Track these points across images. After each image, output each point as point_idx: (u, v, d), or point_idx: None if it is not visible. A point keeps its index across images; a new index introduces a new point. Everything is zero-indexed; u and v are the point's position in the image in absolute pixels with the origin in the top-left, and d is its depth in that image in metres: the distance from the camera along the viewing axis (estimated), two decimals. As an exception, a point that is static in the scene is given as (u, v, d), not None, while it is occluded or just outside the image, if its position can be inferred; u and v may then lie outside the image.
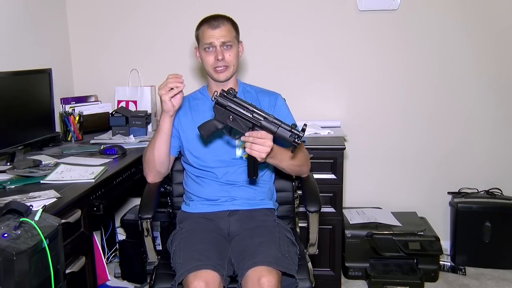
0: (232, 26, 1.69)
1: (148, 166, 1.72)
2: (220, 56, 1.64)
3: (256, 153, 1.43)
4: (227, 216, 1.68)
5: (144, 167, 1.75)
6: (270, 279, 1.38)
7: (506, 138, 2.69)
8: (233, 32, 1.68)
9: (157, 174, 1.74)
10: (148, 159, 1.70)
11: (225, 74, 1.68)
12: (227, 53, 1.66)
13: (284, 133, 1.41)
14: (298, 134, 1.40)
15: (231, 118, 1.45)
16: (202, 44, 1.67)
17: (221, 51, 1.65)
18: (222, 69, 1.66)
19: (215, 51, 1.65)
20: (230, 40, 1.66)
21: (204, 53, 1.68)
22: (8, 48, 2.25)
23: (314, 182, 1.76)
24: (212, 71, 1.68)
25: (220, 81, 1.70)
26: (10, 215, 1.26)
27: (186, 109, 1.75)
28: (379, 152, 2.75)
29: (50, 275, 1.25)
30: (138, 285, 2.44)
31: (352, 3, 2.62)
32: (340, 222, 2.36)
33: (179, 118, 1.74)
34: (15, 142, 2.02)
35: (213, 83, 1.74)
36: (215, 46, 1.65)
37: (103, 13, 2.77)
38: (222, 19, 1.68)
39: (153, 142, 1.68)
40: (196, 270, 1.40)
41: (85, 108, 2.61)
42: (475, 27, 2.60)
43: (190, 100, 1.78)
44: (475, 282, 2.46)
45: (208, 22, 1.67)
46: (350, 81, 2.71)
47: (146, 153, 1.72)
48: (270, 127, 1.42)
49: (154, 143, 1.67)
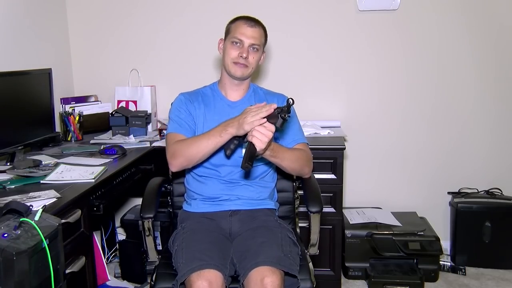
0: (264, 33, 1.71)
1: (184, 158, 1.60)
2: (245, 54, 1.65)
3: (256, 140, 1.41)
4: (228, 216, 1.67)
5: (176, 155, 1.61)
6: (274, 279, 1.38)
7: (506, 138, 2.69)
8: (263, 38, 1.71)
9: (188, 165, 1.66)
10: (189, 153, 1.59)
11: (242, 71, 1.68)
12: (252, 55, 1.67)
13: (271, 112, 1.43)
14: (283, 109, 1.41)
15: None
16: (232, 36, 1.67)
17: (247, 50, 1.66)
18: (242, 65, 1.67)
19: (241, 48, 1.66)
20: (259, 44, 1.68)
21: (230, 45, 1.68)
22: (9, 48, 2.25)
23: (316, 182, 1.76)
24: (231, 64, 1.68)
25: (235, 77, 1.70)
26: (10, 215, 1.26)
27: (200, 103, 1.74)
28: (379, 152, 2.75)
29: (50, 275, 1.25)
30: (138, 285, 2.44)
31: (352, 3, 2.62)
32: (340, 222, 2.36)
33: (194, 109, 1.72)
34: (15, 142, 2.02)
35: (227, 79, 1.73)
36: (243, 43, 1.65)
37: (103, 13, 2.77)
38: (258, 23, 1.70)
39: (206, 143, 1.56)
40: (199, 269, 1.40)
41: (85, 108, 2.61)
42: (475, 27, 2.60)
43: (201, 95, 1.77)
44: (475, 282, 2.46)
45: (245, 19, 1.69)
46: (350, 81, 2.71)
47: (187, 146, 1.59)
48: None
49: (206, 145, 1.56)
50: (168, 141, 1.67)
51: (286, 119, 1.42)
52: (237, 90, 1.75)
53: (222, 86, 1.77)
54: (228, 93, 1.75)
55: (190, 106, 1.72)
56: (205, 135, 1.57)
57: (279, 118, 1.41)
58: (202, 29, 2.70)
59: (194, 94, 1.77)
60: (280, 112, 1.41)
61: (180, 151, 1.60)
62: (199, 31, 2.71)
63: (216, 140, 1.54)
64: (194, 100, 1.74)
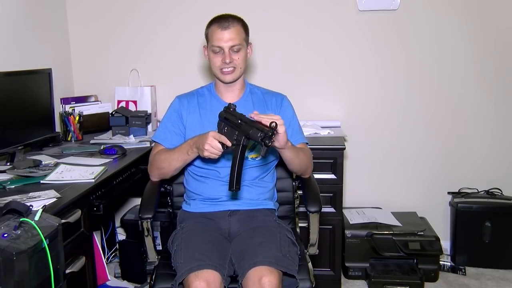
0: (242, 28, 1.67)
1: (159, 171, 1.71)
2: (228, 59, 1.63)
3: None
4: (227, 216, 1.68)
5: (152, 168, 1.72)
6: (271, 279, 1.38)
7: (505, 138, 2.69)
8: (242, 34, 1.67)
9: (163, 177, 1.75)
10: (162, 167, 1.68)
11: (231, 76, 1.67)
12: (235, 55, 1.65)
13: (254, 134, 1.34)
14: (267, 134, 1.30)
15: (225, 129, 1.49)
16: (211, 45, 1.66)
17: (229, 54, 1.64)
18: (229, 70, 1.66)
19: (223, 53, 1.64)
20: (239, 43, 1.64)
21: (212, 54, 1.67)
22: (8, 48, 2.24)
23: (315, 182, 1.76)
24: (218, 73, 1.68)
25: (226, 83, 1.70)
26: (10, 215, 1.26)
27: (195, 106, 1.74)
28: (379, 152, 2.75)
29: (50, 275, 1.25)
30: (138, 285, 2.44)
31: (352, 3, 2.62)
32: (340, 222, 2.36)
33: (187, 116, 1.73)
34: (15, 142, 2.02)
35: (220, 83, 1.74)
36: (223, 48, 1.64)
37: (103, 13, 2.77)
38: (232, 20, 1.66)
39: (176, 159, 1.63)
40: (197, 270, 1.40)
41: (85, 108, 2.61)
42: (475, 27, 2.60)
43: (198, 96, 1.77)
44: (475, 282, 2.46)
45: (218, 22, 1.65)
46: (350, 81, 2.71)
47: (161, 161, 1.67)
48: (246, 129, 1.38)
49: (176, 161, 1.63)
50: (152, 150, 1.76)
51: (269, 146, 1.31)
52: (232, 91, 1.75)
53: (217, 88, 1.77)
54: (223, 95, 1.75)
55: (184, 111, 1.72)
56: (176, 151, 1.64)
57: (262, 146, 1.32)
58: (202, 29, 2.68)
59: (190, 96, 1.77)
60: (263, 138, 1.30)
61: (156, 164, 1.70)
62: (199, 31, 2.66)
63: (184, 158, 1.62)
64: (189, 103, 1.73)
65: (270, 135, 1.30)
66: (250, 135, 1.36)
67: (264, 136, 1.31)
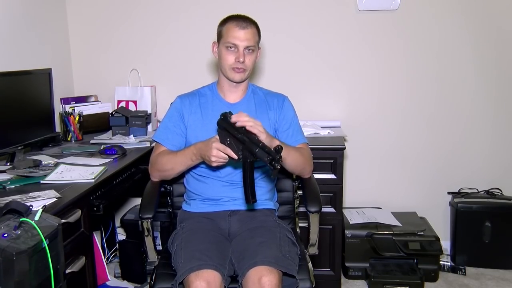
0: (257, 31, 1.68)
1: (160, 173, 1.71)
2: (242, 58, 1.63)
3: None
4: (228, 216, 1.68)
5: (153, 169, 1.72)
6: (271, 279, 1.38)
7: (506, 138, 2.69)
8: (256, 37, 1.68)
9: (164, 179, 1.76)
10: (164, 169, 1.68)
11: (241, 76, 1.67)
12: (248, 57, 1.65)
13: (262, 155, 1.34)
14: (275, 158, 1.30)
15: (227, 141, 1.47)
16: (225, 41, 1.65)
17: (243, 53, 1.63)
18: (240, 70, 1.66)
19: (237, 52, 1.64)
20: (254, 45, 1.65)
21: (225, 51, 1.66)
22: (8, 48, 2.25)
23: (315, 182, 1.76)
24: (229, 70, 1.67)
25: (234, 82, 1.70)
26: (10, 215, 1.26)
27: (196, 106, 1.74)
28: (379, 152, 2.75)
29: (50, 275, 1.25)
30: (138, 285, 2.44)
31: (352, 3, 2.62)
32: (340, 222, 2.36)
33: (188, 116, 1.72)
34: (15, 142, 2.02)
35: (225, 82, 1.73)
36: (238, 47, 1.63)
37: (103, 13, 2.77)
38: (250, 21, 1.67)
39: (179, 163, 1.64)
40: (197, 269, 1.40)
41: (85, 108, 2.61)
42: (475, 27, 2.60)
43: (199, 96, 1.76)
44: (475, 282, 2.46)
45: (236, 21, 1.65)
46: (350, 81, 2.71)
47: (163, 163, 1.67)
48: (251, 147, 1.37)
49: (180, 165, 1.64)
50: (153, 150, 1.75)
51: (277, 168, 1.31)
52: (236, 92, 1.75)
53: (220, 88, 1.76)
54: (226, 95, 1.75)
55: (186, 111, 1.72)
56: (179, 155, 1.64)
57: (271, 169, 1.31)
58: (202, 29, 2.69)
59: (192, 96, 1.76)
60: (271, 162, 1.30)
61: (157, 166, 1.70)
62: (199, 31, 2.71)
63: (188, 163, 1.63)
64: (191, 103, 1.73)
65: (278, 159, 1.31)
66: (257, 155, 1.36)
67: (272, 160, 1.32)
